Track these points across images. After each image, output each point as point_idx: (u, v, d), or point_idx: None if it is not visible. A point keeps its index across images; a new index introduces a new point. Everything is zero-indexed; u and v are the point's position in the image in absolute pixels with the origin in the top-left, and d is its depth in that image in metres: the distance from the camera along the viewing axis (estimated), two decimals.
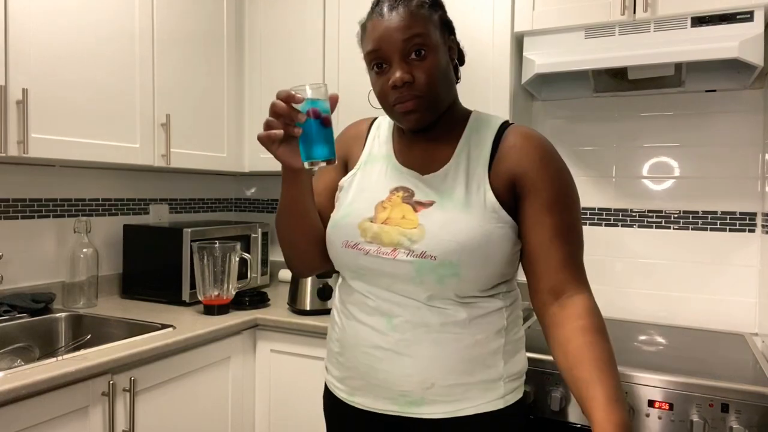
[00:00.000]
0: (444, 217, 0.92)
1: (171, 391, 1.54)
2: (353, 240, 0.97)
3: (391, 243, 0.94)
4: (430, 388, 0.94)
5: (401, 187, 0.99)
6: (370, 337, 0.97)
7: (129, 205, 2.16)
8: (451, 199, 0.95)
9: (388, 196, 0.99)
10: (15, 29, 1.45)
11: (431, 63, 0.93)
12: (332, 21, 2.07)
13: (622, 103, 1.93)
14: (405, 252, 0.92)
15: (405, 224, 0.94)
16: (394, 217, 0.95)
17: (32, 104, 1.50)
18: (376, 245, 0.95)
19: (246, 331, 1.80)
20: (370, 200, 1.00)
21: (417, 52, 0.92)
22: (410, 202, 0.96)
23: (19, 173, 1.79)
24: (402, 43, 0.91)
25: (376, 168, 1.04)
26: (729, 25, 1.48)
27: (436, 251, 0.90)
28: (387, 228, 0.95)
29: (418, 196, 0.97)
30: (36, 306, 1.70)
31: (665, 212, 1.88)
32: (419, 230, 0.92)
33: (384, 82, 0.95)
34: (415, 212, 0.95)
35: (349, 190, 1.04)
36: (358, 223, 0.97)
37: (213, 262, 1.81)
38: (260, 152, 2.24)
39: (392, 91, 0.93)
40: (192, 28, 2.01)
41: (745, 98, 1.77)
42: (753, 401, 1.19)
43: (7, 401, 1.14)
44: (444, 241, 0.90)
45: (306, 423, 1.78)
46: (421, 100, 0.94)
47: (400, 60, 0.92)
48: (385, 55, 0.93)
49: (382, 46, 0.93)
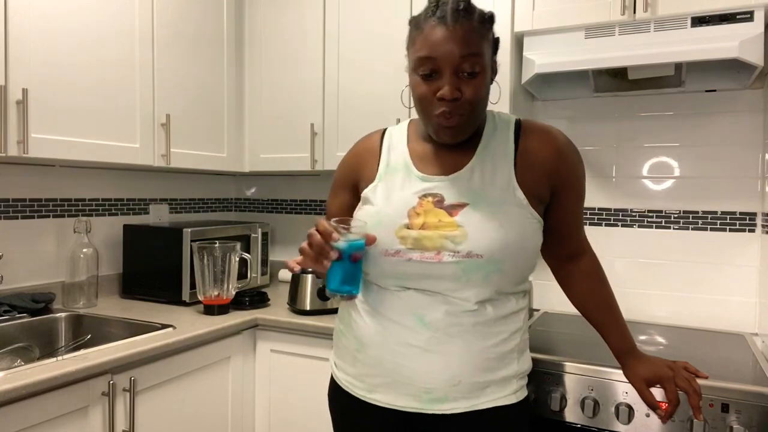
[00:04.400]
0: (482, 217, 0.96)
1: (171, 391, 1.54)
2: (393, 248, 0.98)
3: (434, 247, 0.95)
4: (457, 386, 0.96)
5: (429, 193, 1.01)
6: (399, 334, 0.98)
7: (129, 205, 2.16)
8: (484, 199, 0.98)
9: (418, 202, 1.00)
10: (15, 29, 1.45)
11: (480, 83, 0.95)
12: (332, 21, 2.07)
13: (622, 103, 1.93)
14: (450, 254, 0.95)
15: (444, 227, 0.96)
16: (431, 222, 0.97)
17: (32, 104, 1.50)
18: (418, 251, 0.96)
19: (246, 331, 1.80)
20: (400, 207, 1.01)
21: (470, 70, 0.94)
22: (443, 207, 0.98)
23: (19, 173, 1.79)
24: (459, 59, 0.92)
25: (398, 177, 1.05)
26: (729, 25, 1.48)
27: (481, 249, 0.94)
28: (427, 233, 0.96)
29: (449, 199, 0.99)
30: (36, 306, 1.70)
31: (665, 212, 1.88)
32: (460, 231, 0.95)
33: (430, 90, 0.95)
34: (451, 216, 0.97)
35: (375, 201, 1.05)
36: (395, 230, 0.99)
37: (213, 262, 1.81)
38: (260, 152, 2.24)
39: (437, 101, 0.95)
40: (192, 28, 2.01)
41: (745, 98, 1.77)
42: (753, 401, 1.19)
43: (7, 401, 1.14)
44: (488, 239, 0.94)
45: (306, 423, 1.78)
46: (463, 119, 0.96)
47: (451, 74, 0.93)
48: (438, 66, 0.94)
49: (438, 56, 0.93)
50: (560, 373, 1.36)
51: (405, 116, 1.95)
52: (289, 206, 2.57)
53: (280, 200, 2.59)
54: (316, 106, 2.11)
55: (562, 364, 1.36)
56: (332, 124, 2.08)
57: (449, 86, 0.93)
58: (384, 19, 1.98)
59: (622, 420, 1.27)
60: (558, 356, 1.39)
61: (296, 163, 2.15)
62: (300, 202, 2.54)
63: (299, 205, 2.54)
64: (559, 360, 1.37)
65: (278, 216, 2.60)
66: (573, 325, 1.77)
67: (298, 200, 2.55)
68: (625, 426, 1.28)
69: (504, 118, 1.07)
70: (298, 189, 2.54)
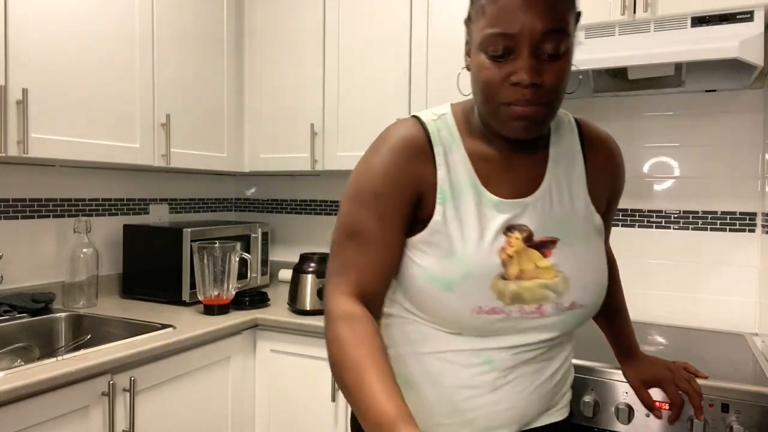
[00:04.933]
0: (576, 257, 0.84)
1: (171, 391, 1.54)
2: (488, 305, 0.81)
3: (535, 299, 0.82)
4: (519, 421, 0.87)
5: (514, 225, 0.83)
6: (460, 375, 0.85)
7: (129, 205, 2.16)
8: (571, 231, 0.85)
9: (506, 240, 0.82)
10: (15, 29, 1.45)
11: (563, 67, 0.77)
12: (332, 21, 2.07)
13: (622, 103, 1.93)
14: (552, 306, 0.83)
15: (543, 275, 0.82)
16: (528, 269, 0.82)
17: (32, 104, 1.50)
18: (517, 305, 0.82)
19: (246, 331, 1.80)
20: (487, 249, 0.81)
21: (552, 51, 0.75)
22: (534, 245, 0.83)
23: (19, 173, 1.79)
24: (540, 35, 0.73)
25: (468, 201, 0.83)
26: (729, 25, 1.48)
27: (585, 299, 0.84)
28: (526, 284, 0.82)
29: (537, 232, 0.84)
30: (36, 306, 1.70)
31: (665, 212, 1.88)
32: (561, 279, 0.82)
33: (501, 74, 0.76)
34: (545, 257, 0.83)
35: (449, 236, 0.82)
36: (490, 283, 0.81)
37: (213, 262, 1.81)
38: (260, 152, 2.24)
39: (510, 87, 0.76)
40: (192, 28, 2.01)
41: (745, 98, 1.77)
42: (753, 401, 1.19)
43: (7, 401, 1.14)
44: (590, 286, 0.84)
45: (306, 423, 1.78)
46: (542, 109, 0.77)
47: (530, 54, 0.74)
48: (515, 44, 0.74)
49: (516, 30, 0.73)
50: None
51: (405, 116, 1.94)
52: (289, 206, 2.57)
53: (280, 200, 2.59)
54: (316, 106, 2.11)
55: None
56: (332, 124, 2.08)
57: (528, 69, 0.74)
58: (384, 19, 1.98)
59: (622, 420, 1.27)
60: None
61: (296, 163, 2.15)
62: (300, 202, 2.54)
63: (299, 205, 2.54)
64: None
65: (278, 216, 2.60)
66: None
67: (298, 200, 2.55)
68: (625, 426, 1.28)
69: (563, 118, 0.92)
70: (298, 189, 2.54)
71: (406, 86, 1.94)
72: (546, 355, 0.87)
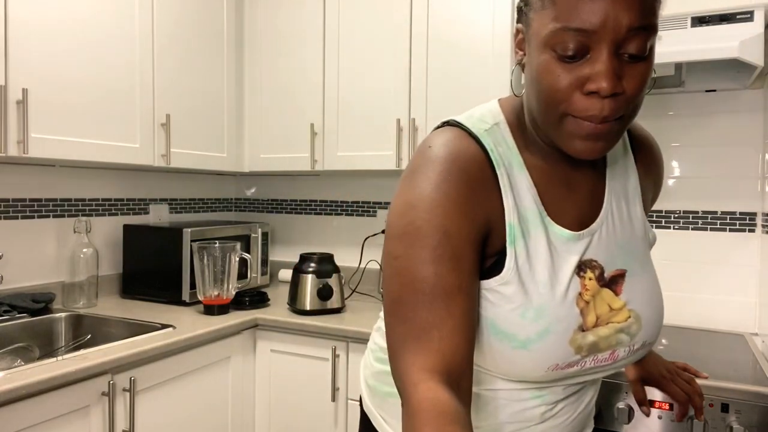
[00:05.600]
0: (643, 289, 0.74)
1: (171, 391, 1.54)
2: (566, 361, 0.70)
3: (610, 346, 0.72)
4: None
5: (584, 262, 0.71)
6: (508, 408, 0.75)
7: (129, 205, 2.16)
8: (635, 258, 0.75)
9: (581, 283, 0.70)
10: (15, 29, 1.45)
11: (647, 70, 0.62)
12: (332, 21, 2.07)
13: None
14: (625, 350, 0.73)
15: (617, 317, 0.72)
16: (603, 313, 0.71)
17: (32, 104, 1.50)
18: (592, 356, 0.71)
19: (246, 331, 1.80)
20: (563, 299, 0.69)
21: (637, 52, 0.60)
22: (606, 283, 0.72)
23: (19, 173, 1.79)
24: (626, 31, 0.59)
25: (538, 238, 0.70)
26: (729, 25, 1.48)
27: (653, 336, 0.75)
28: (603, 332, 0.71)
29: (607, 266, 0.72)
30: (36, 306, 1.70)
31: (665, 212, 1.88)
32: (634, 319, 0.72)
33: (571, 79, 0.61)
34: (617, 295, 0.72)
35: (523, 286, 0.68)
36: (570, 339, 0.69)
37: (213, 262, 1.81)
38: (260, 152, 2.24)
39: (583, 97, 0.61)
40: (192, 28, 2.01)
41: (745, 98, 1.77)
42: (753, 401, 1.19)
43: (7, 401, 1.14)
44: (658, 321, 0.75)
45: (306, 423, 1.78)
46: (619, 125, 0.63)
47: (610, 55, 0.60)
48: (593, 41, 0.60)
49: (596, 26, 0.58)
50: None
51: (405, 116, 1.95)
52: (289, 206, 2.57)
53: (280, 200, 2.59)
54: (316, 106, 2.11)
55: None
56: (332, 124, 2.08)
57: (609, 75, 0.59)
58: (384, 19, 1.98)
59: (622, 420, 1.27)
60: None
61: (296, 163, 2.15)
62: (300, 202, 2.54)
63: (299, 205, 2.54)
64: None
65: (278, 216, 2.60)
66: None
67: (298, 200, 2.55)
68: (625, 426, 1.28)
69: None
70: (298, 189, 2.54)
71: (406, 86, 1.94)
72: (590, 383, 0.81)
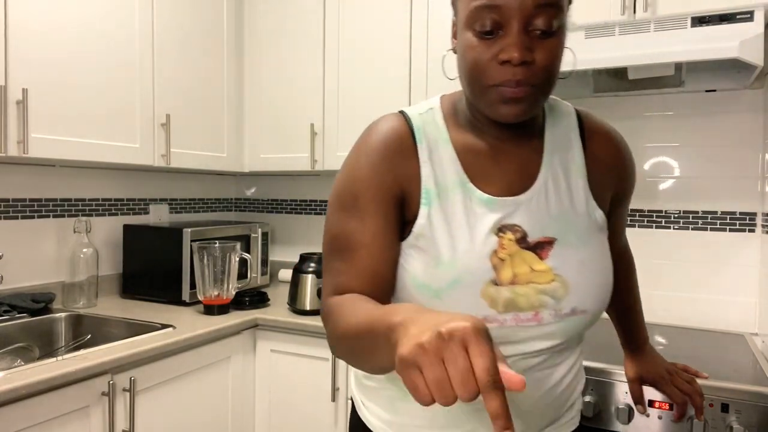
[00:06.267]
0: (577, 259, 0.77)
1: (171, 391, 1.54)
2: (480, 313, 0.75)
3: (531, 306, 0.75)
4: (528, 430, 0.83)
5: (506, 225, 0.77)
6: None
7: (129, 205, 2.16)
8: (571, 230, 0.79)
9: (497, 242, 0.76)
10: (15, 29, 1.45)
11: (557, 45, 0.71)
12: (332, 21, 2.07)
13: (622, 103, 1.93)
14: (550, 313, 0.76)
15: (539, 278, 0.76)
16: (522, 273, 0.75)
17: (32, 104, 1.50)
18: (512, 313, 0.75)
19: (246, 331, 1.80)
20: (477, 253, 0.75)
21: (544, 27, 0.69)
22: (529, 246, 0.77)
23: (19, 173, 1.79)
24: (533, 8, 0.68)
25: (455, 201, 0.78)
26: (729, 25, 1.48)
27: (586, 305, 0.77)
28: (520, 289, 0.75)
29: (532, 233, 0.77)
30: (36, 306, 1.70)
31: (665, 212, 1.88)
32: (560, 283, 0.76)
33: (489, 53, 0.70)
34: (542, 259, 0.76)
35: (436, 242, 0.76)
36: (481, 289, 0.74)
37: (213, 262, 1.81)
38: (260, 152, 2.24)
39: (499, 67, 0.70)
40: (192, 28, 2.01)
41: (745, 98, 1.77)
42: (753, 401, 1.19)
43: (7, 401, 1.14)
44: (592, 290, 0.77)
45: (306, 423, 1.78)
46: (533, 91, 0.71)
47: (520, 30, 0.69)
48: (504, 17, 0.69)
49: (504, 3, 0.68)
50: None
51: None
52: (289, 206, 2.57)
53: (280, 200, 2.59)
54: (316, 106, 2.11)
55: None
56: (332, 124, 2.08)
57: (518, 46, 0.68)
58: (384, 19, 1.98)
59: (622, 420, 1.27)
60: None
61: (296, 163, 2.15)
62: (300, 202, 2.54)
63: (299, 205, 2.54)
64: None
65: (278, 216, 2.60)
66: None
67: (298, 200, 2.55)
68: (625, 426, 1.28)
69: (562, 108, 0.87)
70: (298, 189, 2.54)
71: (406, 86, 1.94)
72: (549, 362, 0.80)
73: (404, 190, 0.78)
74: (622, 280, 1.08)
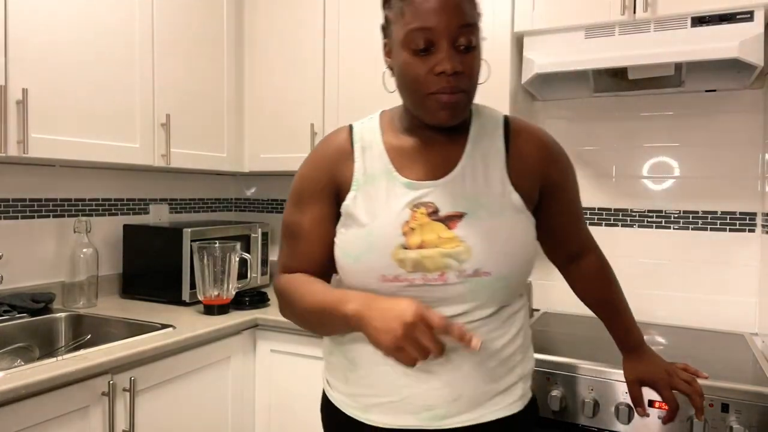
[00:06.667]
0: (483, 228, 0.88)
1: (171, 391, 1.54)
2: (392, 273, 0.88)
3: (437, 267, 0.87)
4: (458, 400, 0.90)
5: (421, 202, 0.90)
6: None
7: (129, 205, 2.16)
8: (481, 206, 0.90)
9: (410, 215, 0.89)
10: (15, 29, 1.45)
11: (476, 58, 0.88)
12: (332, 21, 2.07)
13: (622, 103, 1.93)
14: (455, 274, 0.87)
15: (445, 244, 0.87)
16: (429, 239, 0.87)
17: (32, 104, 1.50)
18: (420, 273, 0.87)
19: (246, 331, 1.80)
20: (391, 224, 0.89)
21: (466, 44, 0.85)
22: (439, 218, 0.89)
23: (19, 173, 1.79)
24: (457, 29, 0.84)
25: (380, 186, 0.93)
26: (729, 25, 1.48)
27: (489, 266, 0.87)
28: (427, 252, 0.87)
29: (443, 208, 0.89)
30: (36, 306, 1.70)
31: (665, 212, 1.88)
32: (464, 247, 0.87)
33: (425, 67, 0.85)
34: (450, 229, 0.88)
35: (358, 217, 0.92)
36: (391, 252, 0.88)
37: (213, 262, 1.81)
38: (260, 152, 2.24)
39: (436, 78, 0.85)
40: (192, 28, 2.01)
41: (745, 98, 1.77)
42: (753, 401, 1.19)
43: (7, 401, 1.14)
44: (494, 254, 0.87)
45: (306, 423, 1.78)
46: (463, 96, 0.87)
47: (449, 47, 0.85)
48: (435, 37, 0.84)
49: (436, 25, 0.83)
50: (560, 373, 1.36)
51: None
52: None
53: (280, 200, 2.59)
54: (316, 106, 2.11)
55: (562, 364, 1.36)
56: (332, 124, 2.08)
57: (450, 59, 0.84)
58: None
59: (622, 420, 1.28)
60: (558, 356, 1.39)
61: (296, 163, 2.15)
62: None
63: None
64: (560, 360, 1.37)
65: (278, 216, 2.60)
66: (573, 325, 1.77)
67: None
68: (625, 426, 1.28)
69: (491, 113, 1.00)
70: None
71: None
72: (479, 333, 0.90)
73: (339, 185, 0.96)
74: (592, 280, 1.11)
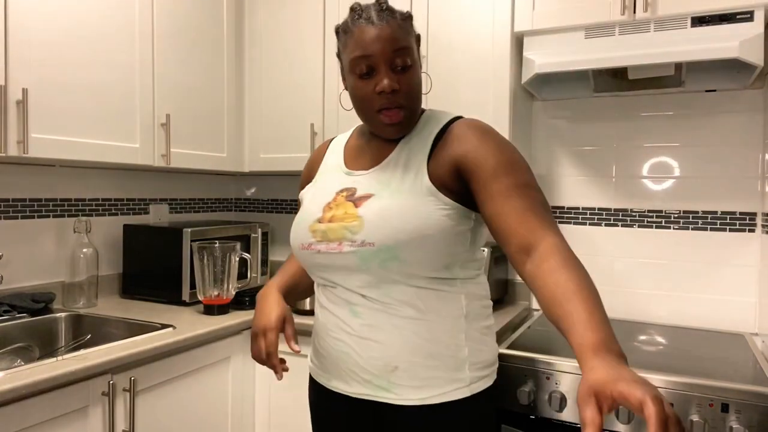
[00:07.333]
0: (380, 206, 1.00)
1: (171, 391, 1.54)
2: (306, 241, 1.06)
3: (337, 238, 1.02)
4: (394, 371, 1.00)
5: (346, 188, 1.08)
6: (337, 324, 1.05)
7: (129, 205, 2.16)
8: (387, 188, 1.02)
9: (334, 197, 1.07)
10: (15, 29, 1.45)
11: (413, 75, 1.02)
12: (332, 21, 2.07)
13: (622, 103, 1.93)
14: (348, 243, 1.00)
15: (347, 219, 1.02)
16: (338, 215, 1.03)
17: (32, 104, 1.50)
18: (325, 243, 1.03)
19: (246, 331, 1.80)
20: (319, 204, 1.08)
21: (402, 65, 1.00)
22: (352, 199, 1.04)
23: (19, 173, 1.79)
24: (392, 53, 0.98)
25: (329, 177, 1.13)
26: (729, 25, 1.48)
27: (373, 238, 0.98)
28: (332, 225, 1.03)
29: (360, 191, 1.05)
30: (36, 306, 1.70)
31: (665, 212, 1.88)
32: (359, 222, 1.00)
33: (369, 88, 1.01)
34: (356, 207, 1.02)
35: (303, 201, 1.16)
36: (309, 225, 1.07)
37: (213, 262, 1.81)
38: (260, 152, 2.24)
39: (378, 96, 1.00)
40: (192, 28, 2.01)
41: (745, 98, 1.77)
42: (753, 401, 1.19)
43: (7, 401, 1.14)
44: (380, 227, 0.98)
45: (306, 423, 1.78)
46: (404, 111, 1.02)
47: (387, 69, 0.99)
48: (374, 62, 0.99)
49: (373, 52, 0.98)
50: (560, 372, 1.36)
51: None
52: (289, 206, 2.57)
53: (280, 200, 2.59)
54: (316, 106, 2.11)
55: (561, 364, 1.36)
56: (332, 124, 2.08)
57: (387, 79, 0.98)
58: None
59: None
60: (558, 356, 1.39)
61: (296, 163, 2.15)
62: None
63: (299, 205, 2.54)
64: (559, 360, 1.37)
65: (278, 216, 2.60)
66: None
67: (298, 200, 2.55)
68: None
69: (438, 116, 1.09)
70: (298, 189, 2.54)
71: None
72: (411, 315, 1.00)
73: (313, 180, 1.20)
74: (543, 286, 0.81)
